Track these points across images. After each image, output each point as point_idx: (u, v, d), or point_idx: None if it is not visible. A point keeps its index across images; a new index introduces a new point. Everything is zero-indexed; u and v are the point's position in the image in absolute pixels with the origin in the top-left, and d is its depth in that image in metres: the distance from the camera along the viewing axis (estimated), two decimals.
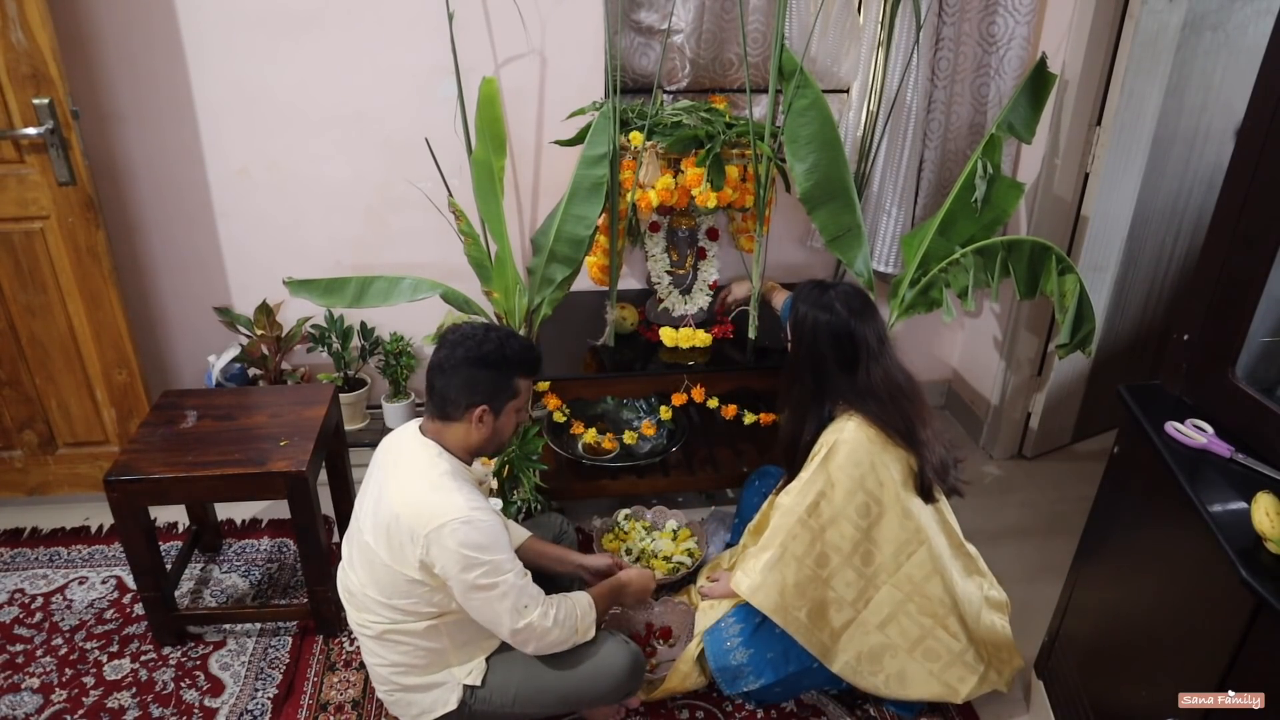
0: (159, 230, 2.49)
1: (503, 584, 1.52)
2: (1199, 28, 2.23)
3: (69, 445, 2.43)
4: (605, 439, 2.45)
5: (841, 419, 1.78)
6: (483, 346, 1.56)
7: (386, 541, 1.53)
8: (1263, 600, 1.16)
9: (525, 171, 2.52)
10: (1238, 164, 1.42)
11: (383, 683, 1.69)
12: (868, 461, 1.72)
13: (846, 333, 1.77)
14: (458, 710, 1.65)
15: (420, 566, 1.51)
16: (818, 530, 1.74)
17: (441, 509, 1.49)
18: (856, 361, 1.77)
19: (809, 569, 1.75)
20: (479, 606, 1.54)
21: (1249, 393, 1.43)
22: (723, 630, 1.86)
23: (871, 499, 1.73)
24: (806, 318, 1.81)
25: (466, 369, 1.56)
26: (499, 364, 1.57)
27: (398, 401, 2.63)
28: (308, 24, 2.27)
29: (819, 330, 1.79)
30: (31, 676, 1.96)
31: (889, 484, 1.73)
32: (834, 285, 1.85)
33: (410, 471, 1.56)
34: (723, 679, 1.84)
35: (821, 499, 1.73)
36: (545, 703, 1.69)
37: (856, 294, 1.83)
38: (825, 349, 1.79)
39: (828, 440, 1.76)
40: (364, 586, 1.60)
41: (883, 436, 1.74)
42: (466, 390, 1.56)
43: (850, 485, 1.72)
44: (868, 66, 2.43)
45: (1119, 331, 2.71)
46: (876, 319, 1.81)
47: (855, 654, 1.79)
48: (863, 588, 1.77)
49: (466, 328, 1.61)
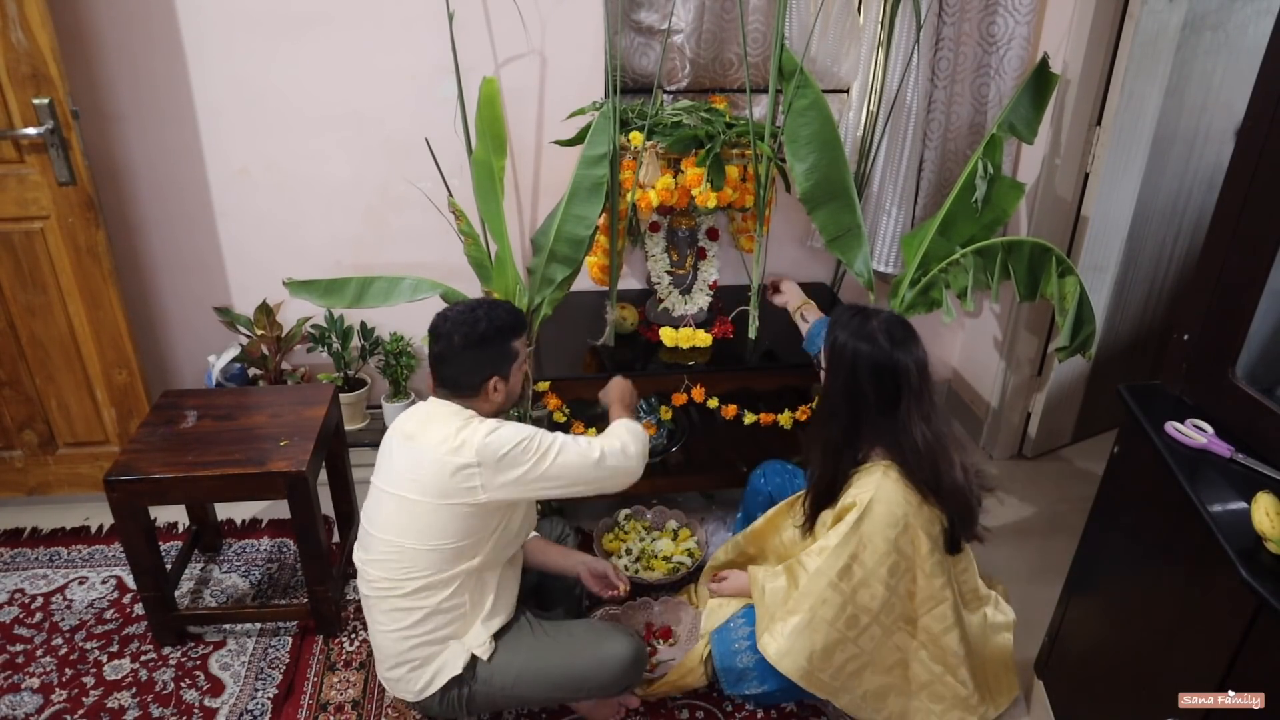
0: (159, 230, 2.49)
1: (556, 442, 1.64)
2: (1199, 28, 2.23)
3: (69, 445, 2.43)
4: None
5: (877, 467, 1.69)
6: (476, 328, 1.63)
7: (437, 485, 1.58)
8: (1263, 600, 1.16)
9: (525, 171, 2.52)
10: (1238, 164, 1.42)
11: (390, 655, 1.69)
12: (903, 522, 1.64)
13: (888, 365, 1.65)
14: (459, 687, 1.67)
15: (482, 487, 1.58)
16: (849, 594, 1.67)
17: (476, 430, 1.60)
18: (898, 399, 1.66)
19: (839, 632, 1.68)
20: (558, 473, 1.63)
21: (1249, 393, 1.43)
22: (731, 631, 1.84)
23: (903, 558, 1.66)
24: (847, 347, 1.69)
25: (469, 352, 1.64)
26: (495, 337, 1.64)
27: (398, 401, 2.63)
28: (308, 24, 2.27)
29: (859, 362, 1.66)
30: (31, 676, 1.96)
31: (921, 545, 1.66)
32: (876, 313, 1.73)
33: (438, 423, 1.63)
34: (726, 679, 1.84)
35: (854, 561, 1.66)
36: (546, 685, 1.70)
37: (899, 323, 1.71)
38: (865, 383, 1.66)
39: (863, 498, 1.66)
40: (405, 542, 1.62)
41: (918, 496, 1.66)
42: (475, 370, 1.65)
43: (885, 548, 1.65)
44: (868, 66, 2.43)
45: (1119, 331, 2.71)
46: (919, 350, 1.69)
47: (862, 693, 1.76)
48: (882, 639, 1.73)
49: (453, 313, 1.67)
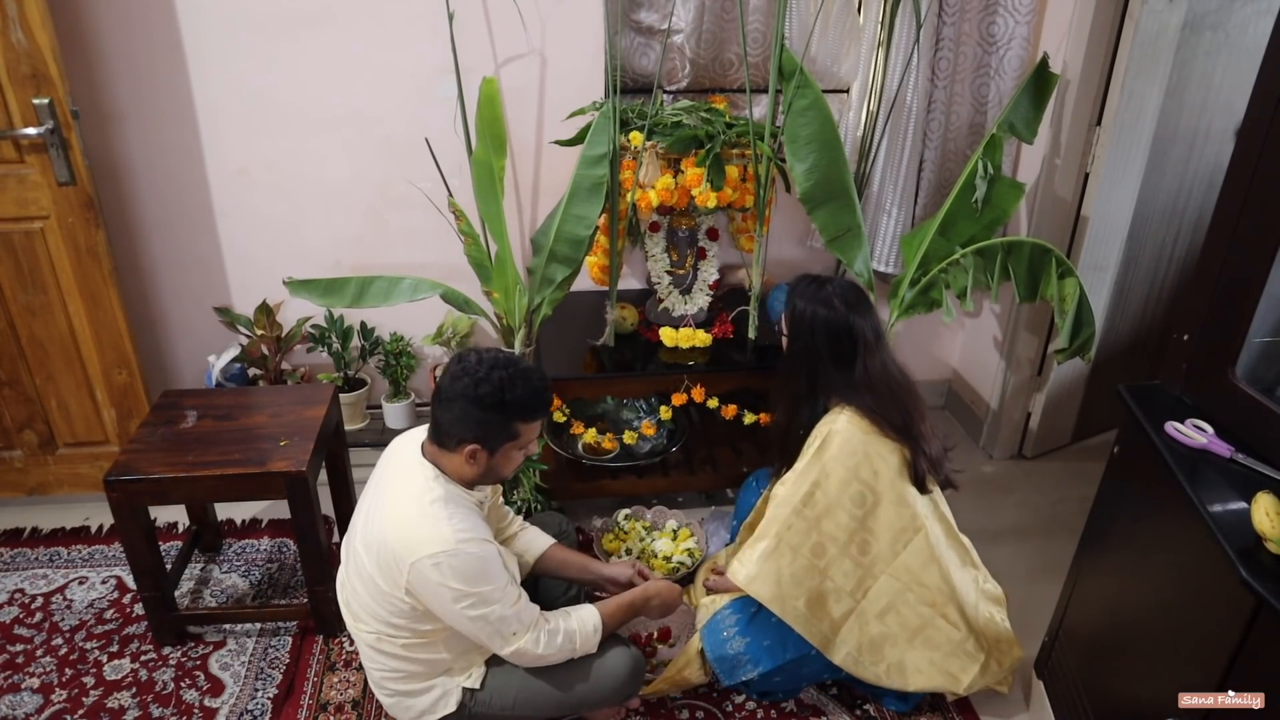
0: (159, 230, 2.49)
1: (489, 614, 1.51)
2: (1199, 28, 2.23)
3: (69, 445, 2.43)
4: (605, 439, 2.45)
5: (834, 411, 1.79)
6: (479, 387, 1.47)
7: (377, 561, 1.54)
8: (1263, 600, 1.16)
9: (525, 171, 2.52)
10: (1238, 164, 1.42)
11: (380, 687, 1.69)
12: (861, 451, 1.73)
13: (845, 328, 1.77)
14: (457, 713, 1.65)
15: (407, 593, 1.51)
16: (813, 520, 1.75)
17: (427, 540, 1.46)
18: (854, 357, 1.78)
19: (805, 558, 1.75)
20: (468, 630, 1.55)
21: (1249, 393, 1.43)
22: (720, 622, 1.87)
23: (866, 488, 1.74)
24: (804, 313, 1.81)
25: (461, 404, 1.48)
26: (496, 408, 1.49)
27: (398, 401, 2.63)
28: (308, 24, 2.27)
29: (816, 325, 1.79)
30: (31, 676, 1.96)
31: (883, 472, 1.74)
32: (830, 280, 1.85)
33: (404, 494, 1.54)
34: (721, 669, 1.84)
35: (816, 489, 1.74)
36: (545, 705, 1.69)
37: (853, 288, 1.83)
38: (822, 344, 1.79)
39: (821, 432, 1.77)
40: (360, 598, 1.61)
41: (876, 428, 1.75)
42: (459, 425, 1.50)
43: (845, 474, 1.73)
44: (868, 66, 2.43)
45: (1119, 331, 2.71)
46: (873, 314, 1.82)
47: (856, 644, 1.78)
48: (860, 577, 1.77)
49: (472, 357, 1.52)
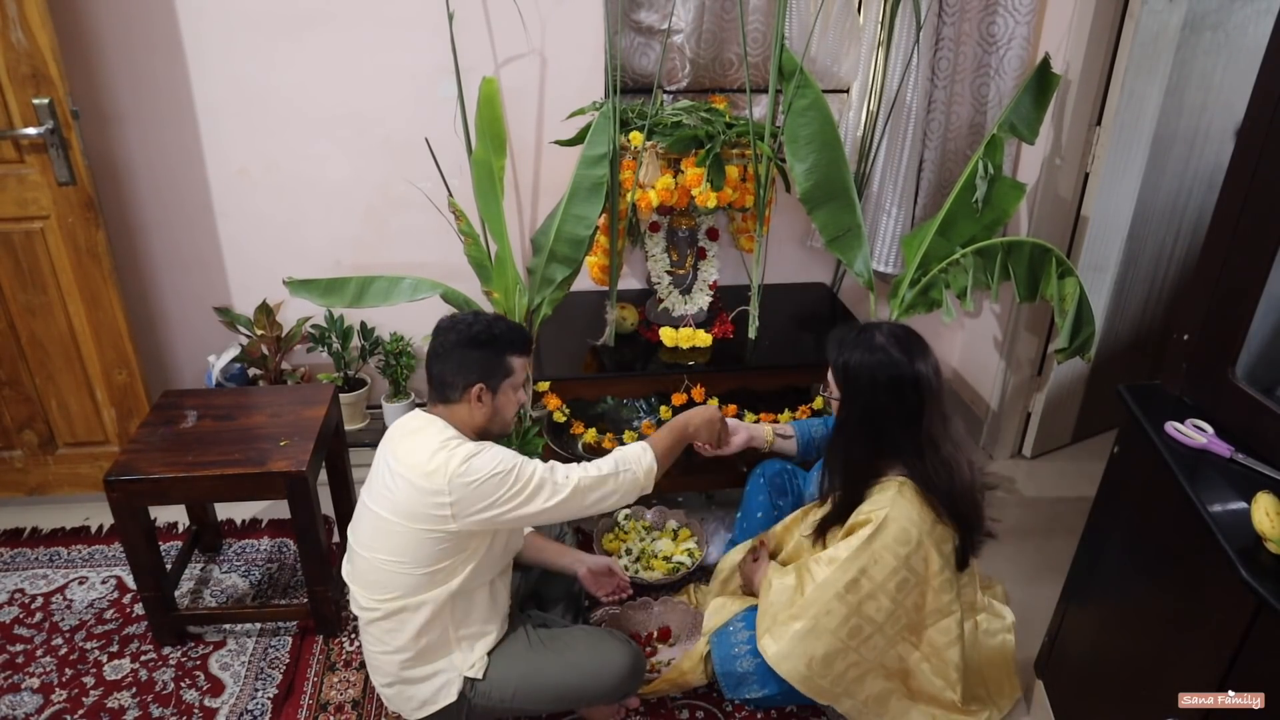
0: (159, 230, 2.49)
1: (533, 480, 1.56)
2: (1199, 28, 2.23)
3: (69, 445, 2.43)
4: (605, 439, 2.45)
5: (890, 483, 1.66)
6: (473, 328, 1.63)
7: (409, 508, 1.55)
8: (1263, 600, 1.16)
9: (525, 171, 2.52)
10: (1238, 164, 1.42)
11: (383, 674, 1.69)
12: (916, 540, 1.62)
13: (911, 377, 1.60)
14: (456, 703, 1.66)
15: (453, 516, 1.53)
16: (854, 606, 1.65)
17: (453, 456, 1.54)
18: (921, 409, 1.61)
19: (840, 641, 1.67)
20: (524, 510, 1.56)
21: (1249, 393, 1.43)
22: (731, 635, 1.83)
23: (913, 574, 1.65)
24: (861, 367, 1.63)
25: (459, 351, 1.62)
26: (489, 343, 1.62)
27: (398, 401, 2.63)
28: (308, 24, 2.27)
29: (878, 378, 1.61)
30: (31, 676, 1.96)
31: (933, 562, 1.65)
32: (877, 326, 1.68)
33: (422, 438, 1.60)
34: (726, 683, 1.82)
35: (862, 575, 1.64)
36: (545, 698, 1.70)
37: (905, 331, 1.67)
38: (885, 399, 1.62)
39: (877, 515, 1.63)
40: (380, 561, 1.61)
41: (933, 513, 1.64)
42: (462, 371, 1.61)
43: (895, 564, 1.63)
44: (868, 66, 2.43)
45: (1119, 331, 2.71)
46: (931, 355, 1.65)
47: (864, 699, 1.75)
48: (884, 648, 1.72)
49: (458, 314, 1.69)
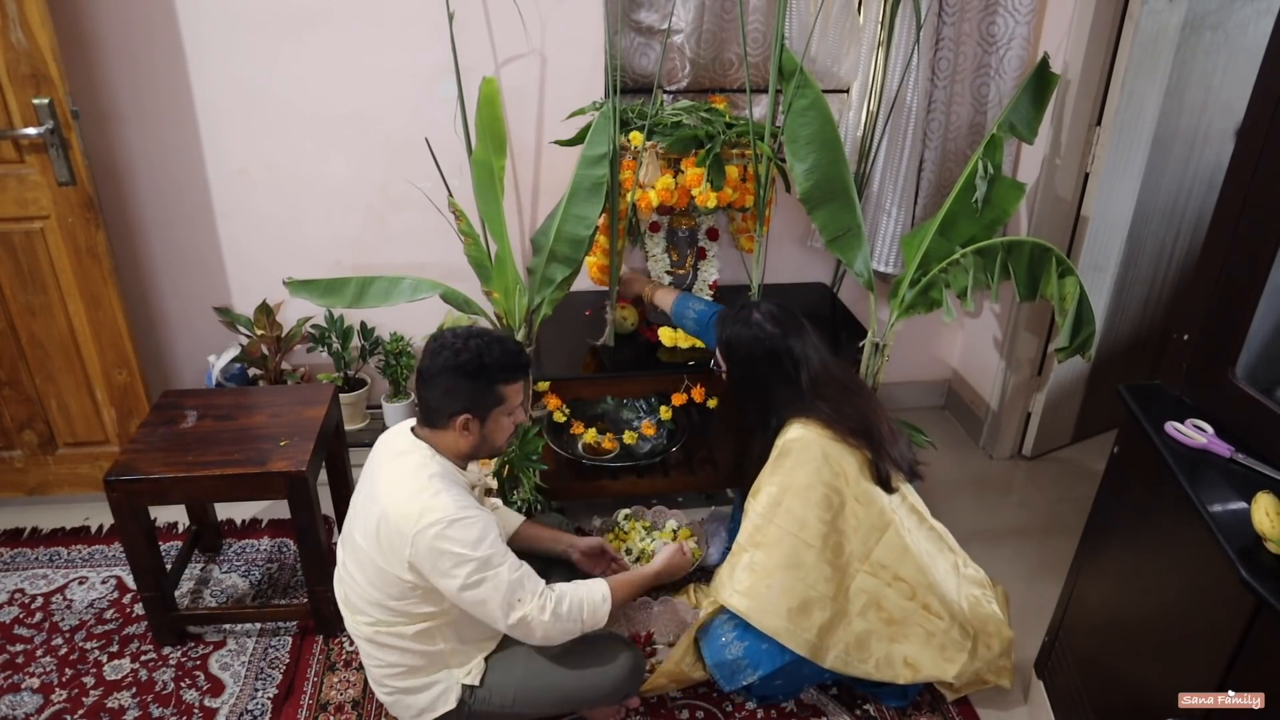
0: (159, 230, 2.49)
1: (492, 578, 1.50)
2: (1199, 28, 2.23)
3: (69, 445, 2.43)
4: (605, 439, 2.45)
5: (790, 425, 1.81)
6: (459, 356, 1.51)
7: (377, 541, 1.53)
8: (1263, 600, 1.16)
9: (525, 171, 2.52)
10: (1238, 164, 1.42)
11: (380, 684, 1.69)
12: (820, 454, 1.75)
13: (784, 349, 1.81)
14: (456, 710, 1.65)
15: (409, 568, 1.50)
16: (784, 527, 1.75)
17: (428, 510, 1.47)
18: (798, 373, 1.82)
19: (784, 568, 1.74)
20: (471, 604, 1.53)
21: (1249, 393, 1.43)
22: (717, 628, 1.85)
23: (830, 489, 1.75)
24: (739, 341, 1.85)
25: (445, 378, 1.52)
26: (477, 373, 1.52)
27: (398, 401, 2.63)
28: (308, 24, 2.27)
29: (755, 351, 1.83)
30: (31, 676, 1.96)
31: (844, 473, 1.76)
32: (756, 305, 1.88)
33: (400, 472, 1.55)
34: (721, 675, 1.83)
35: (784, 495, 1.76)
36: (544, 703, 1.69)
37: (781, 310, 1.87)
38: (764, 369, 1.83)
39: (779, 445, 1.80)
40: (358, 587, 1.60)
41: (834, 433, 1.78)
42: (447, 399, 1.53)
43: (807, 478, 1.74)
44: (868, 66, 2.43)
45: (1119, 331, 2.71)
46: (807, 331, 1.86)
47: (843, 646, 1.78)
48: (839, 580, 1.78)
49: (449, 334, 1.56)
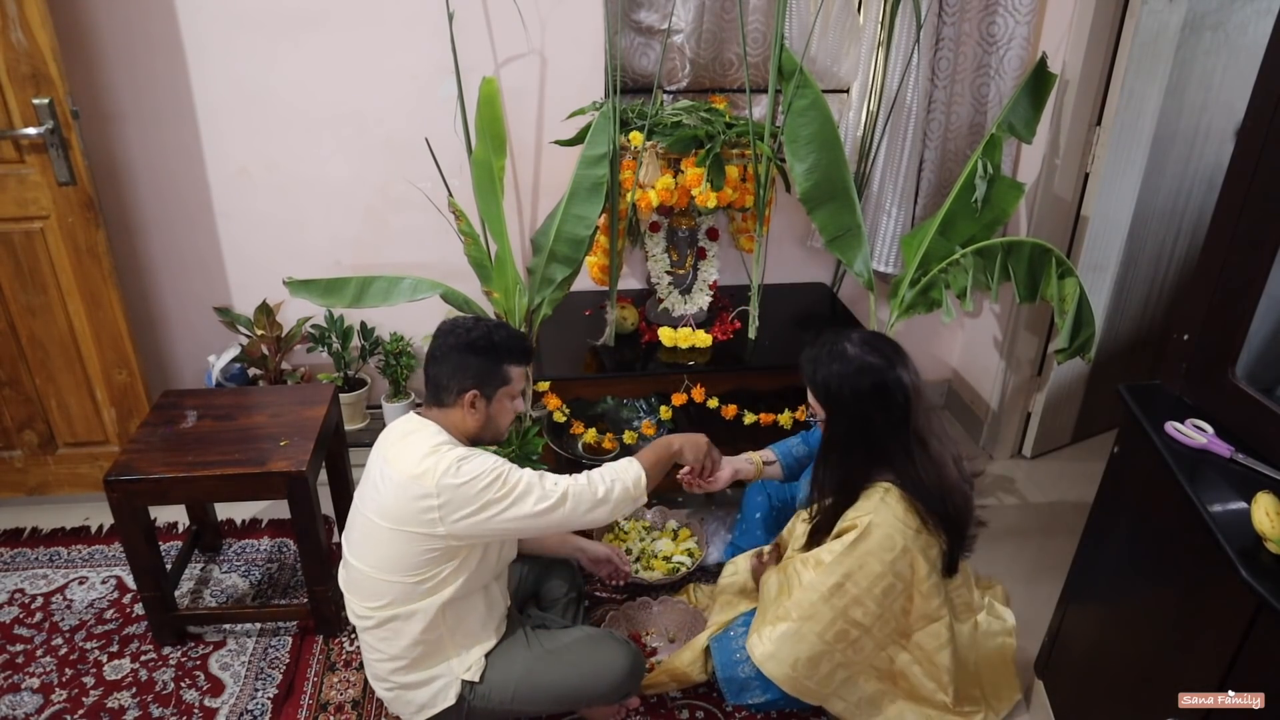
0: (159, 230, 2.49)
1: (520, 484, 1.54)
2: (1199, 28, 2.23)
3: (69, 445, 2.43)
4: (605, 439, 2.45)
5: (878, 490, 1.64)
6: (471, 333, 1.61)
7: (397, 511, 1.53)
8: (1263, 600, 1.16)
9: (525, 171, 2.52)
10: (1238, 164, 1.42)
11: (381, 680, 1.69)
12: (901, 547, 1.61)
13: (893, 380, 1.58)
14: (456, 706, 1.65)
15: (440, 516, 1.50)
16: (839, 610, 1.65)
17: (445, 460, 1.52)
18: (908, 411, 1.60)
19: (826, 644, 1.67)
20: (510, 517, 1.53)
21: (1249, 393, 1.43)
22: (732, 640, 1.82)
23: (900, 581, 1.64)
24: (842, 380, 1.60)
25: (456, 355, 1.60)
26: (487, 350, 1.60)
27: (398, 401, 2.63)
28: (308, 24, 2.27)
29: (861, 386, 1.59)
30: (31, 676, 1.96)
31: (919, 569, 1.64)
32: (845, 335, 1.65)
33: (412, 447, 1.58)
34: (728, 689, 1.82)
35: (847, 580, 1.63)
36: (544, 700, 1.69)
37: (879, 337, 1.67)
38: (871, 408, 1.60)
39: (862, 520, 1.62)
40: (368, 569, 1.60)
41: (918, 520, 1.62)
42: (457, 375, 1.60)
43: (880, 570, 1.62)
44: (868, 66, 2.43)
45: (1119, 331, 2.71)
46: (908, 357, 1.64)
47: (856, 700, 1.75)
48: (873, 651, 1.72)
49: (458, 318, 1.68)
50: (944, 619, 1.70)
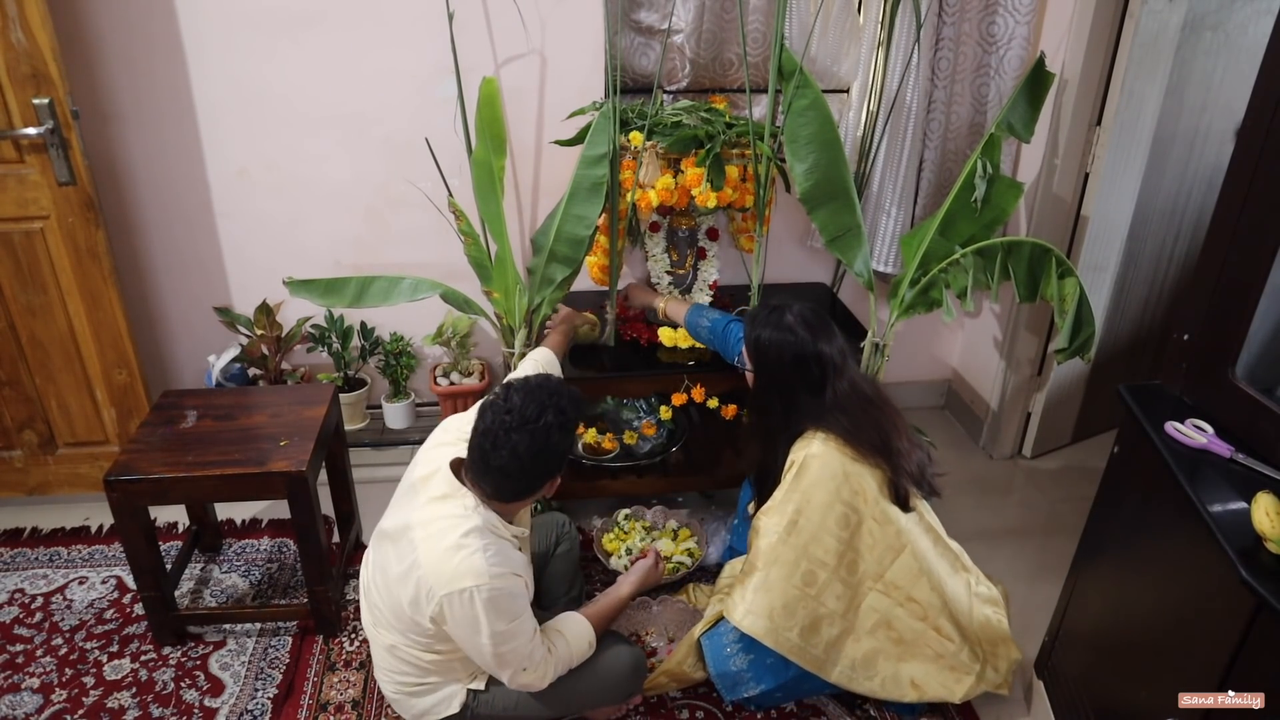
0: (159, 230, 2.49)
1: (510, 649, 1.54)
2: (1199, 28, 2.23)
3: (69, 445, 2.43)
4: (605, 439, 2.45)
5: (808, 436, 1.75)
6: (550, 437, 1.45)
7: (403, 583, 1.53)
8: (1263, 600, 1.16)
9: (525, 171, 2.52)
10: (1238, 164, 1.42)
11: (387, 685, 1.70)
12: (840, 472, 1.71)
13: (813, 354, 1.75)
14: (459, 714, 1.66)
15: (432, 621, 1.52)
16: (800, 548, 1.71)
17: (461, 572, 1.45)
18: (824, 382, 1.76)
19: (796, 588, 1.71)
20: (482, 657, 1.56)
21: (1249, 393, 1.43)
22: (721, 635, 1.83)
23: (849, 508, 1.72)
24: (769, 343, 1.78)
25: (542, 460, 1.48)
26: (561, 462, 1.54)
27: (398, 401, 2.63)
28: (308, 24, 2.27)
29: (784, 355, 1.76)
30: (31, 676, 1.96)
31: (865, 491, 1.72)
32: (789, 307, 1.82)
33: (438, 522, 1.51)
34: (723, 685, 1.83)
35: (799, 515, 1.71)
36: (547, 706, 1.69)
37: (814, 314, 1.81)
38: (791, 374, 1.77)
39: (797, 458, 1.74)
40: (384, 601, 1.61)
41: (853, 450, 1.72)
42: (543, 475, 1.53)
43: (826, 498, 1.70)
44: (868, 66, 2.43)
45: (1119, 331, 2.71)
46: (837, 336, 1.80)
47: (849, 662, 1.77)
48: (850, 597, 1.75)
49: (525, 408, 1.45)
50: (907, 547, 1.75)
